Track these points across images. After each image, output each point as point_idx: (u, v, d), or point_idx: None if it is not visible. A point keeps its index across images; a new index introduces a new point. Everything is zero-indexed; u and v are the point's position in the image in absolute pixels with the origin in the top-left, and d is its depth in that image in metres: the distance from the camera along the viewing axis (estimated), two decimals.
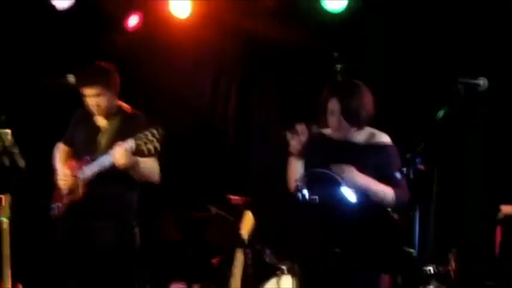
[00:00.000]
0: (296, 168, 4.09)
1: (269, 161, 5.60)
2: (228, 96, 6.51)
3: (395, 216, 4.66)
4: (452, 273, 4.60)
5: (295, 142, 4.05)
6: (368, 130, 4.06)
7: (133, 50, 6.36)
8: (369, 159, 3.96)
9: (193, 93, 6.54)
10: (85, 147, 4.60)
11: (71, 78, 4.62)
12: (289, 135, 4.07)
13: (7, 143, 4.51)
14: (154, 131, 4.25)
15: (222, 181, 5.92)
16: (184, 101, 6.47)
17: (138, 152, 4.28)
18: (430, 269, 4.54)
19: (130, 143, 4.26)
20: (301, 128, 4.04)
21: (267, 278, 4.96)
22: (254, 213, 4.72)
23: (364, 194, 3.87)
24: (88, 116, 4.68)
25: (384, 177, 3.92)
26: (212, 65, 6.52)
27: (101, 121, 4.67)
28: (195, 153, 6.39)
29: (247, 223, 4.80)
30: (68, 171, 4.57)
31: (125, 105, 4.70)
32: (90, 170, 4.47)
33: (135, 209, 4.66)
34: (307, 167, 4.04)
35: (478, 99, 3.63)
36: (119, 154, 4.28)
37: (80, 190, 4.50)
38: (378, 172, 3.94)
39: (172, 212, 5.29)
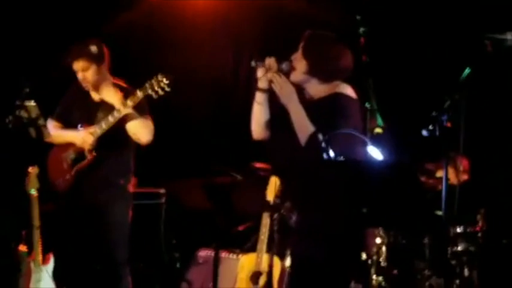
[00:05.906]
0: (262, 110, 3.77)
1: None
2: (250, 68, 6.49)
3: (424, 178, 4.66)
4: (480, 234, 4.58)
5: (263, 76, 3.70)
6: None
7: (153, 22, 6.36)
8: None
9: (215, 63, 6.54)
10: (82, 122, 4.68)
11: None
12: (254, 65, 3.70)
13: (33, 115, 4.55)
14: (160, 77, 4.37)
15: (246, 149, 5.92)
16: (206, 70, 6.47)
17: (147, 97, 4.43)
18: (458, 229, 4.54)
19: (138, 94, 4.41)
20: (270, 61, 3.70)
21: None
22: (280, 178, 4.72)
23: (391, 154, 3.83)
24: (84, 91, 4.73)
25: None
26: (232, 37, 6.50)
27: (96, 96, 4.71)
28: (218, 123, 6.41)
29: (273, 188, 4.81)
30: (83, 131, 4.61)
31: (119, 81, 4.75)
32: (99, 127, 4.56)
33: (132, 170, 4.75)
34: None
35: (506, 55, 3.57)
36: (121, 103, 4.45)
37: (87, 156, 4.57)
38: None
39: (199, 179, 5.31)
